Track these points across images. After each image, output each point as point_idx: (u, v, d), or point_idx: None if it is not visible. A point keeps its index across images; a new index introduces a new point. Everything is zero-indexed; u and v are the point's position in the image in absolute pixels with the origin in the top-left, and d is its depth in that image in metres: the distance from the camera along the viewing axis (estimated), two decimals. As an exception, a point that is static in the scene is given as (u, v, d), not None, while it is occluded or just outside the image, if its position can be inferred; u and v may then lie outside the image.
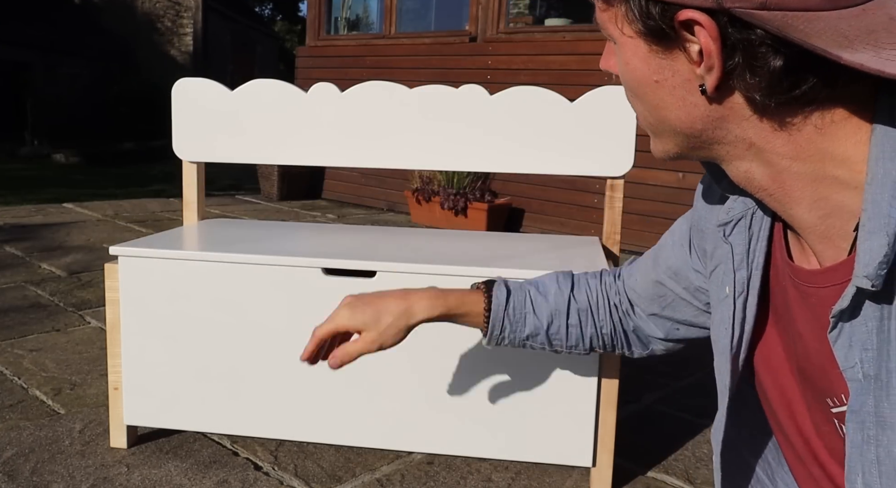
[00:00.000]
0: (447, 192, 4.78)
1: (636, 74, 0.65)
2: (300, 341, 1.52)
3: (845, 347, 0.63)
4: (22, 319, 2.59)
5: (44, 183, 7.50)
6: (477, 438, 1.50)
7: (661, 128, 0.68)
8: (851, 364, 0.62)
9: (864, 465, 0.62)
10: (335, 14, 6.33)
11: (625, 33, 0.64)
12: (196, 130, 1.83)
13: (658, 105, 0.65)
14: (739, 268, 0.77)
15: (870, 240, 0.57)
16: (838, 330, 0.63)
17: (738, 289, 0.77)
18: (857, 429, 0.63)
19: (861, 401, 0.62)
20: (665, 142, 0.69)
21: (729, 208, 0.78)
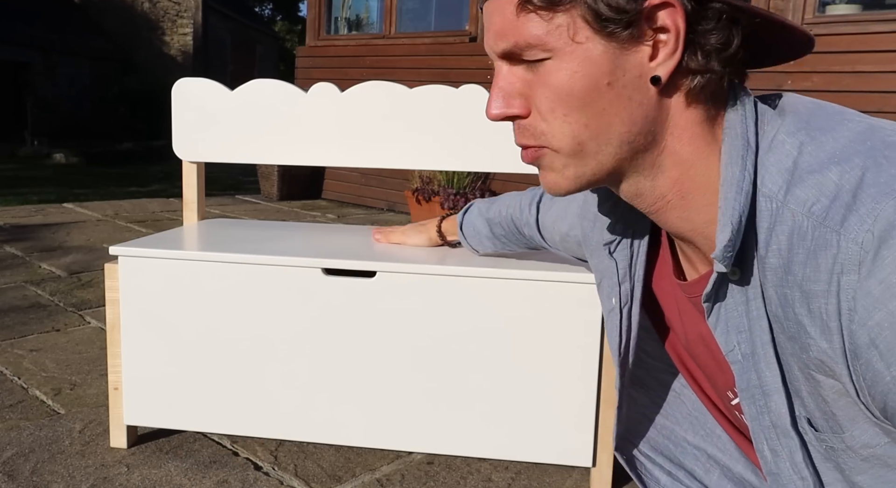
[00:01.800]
0: (447, 192, 4.78)
1: (585, 82, 0.63)
2: (300, 341, 1.52)
3: (724, 333, 0.70)
4: (22, 319, 2.59)
5: (44, 183, 7.51)
6: (477, 438, 1.50)
7: (591, 144, 0.66)
8: (731, 347, 0.70)
9: (765, 432, 0.70)
10: (335, 14, 6.33)
11: (576, 40, 0.62)
12: (196, 130, 1.83)
13: (604, 110, 0.64)
14: (623, 281, 0.84)
15: (722, 233, 0.64)
16: (714, 316, 0.70)
17: (622, 300, 0.84)
18: (749, 404, 0.70)
19: (746, 379, 0.70)
20: (584, 165, 0.68)
21: (612, 227, 0.84)
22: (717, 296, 0.69)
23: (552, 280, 1.41)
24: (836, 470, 0.67)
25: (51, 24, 14.69)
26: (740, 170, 0.63)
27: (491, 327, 1.44)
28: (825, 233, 0.57)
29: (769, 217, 0.62)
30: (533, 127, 0.68)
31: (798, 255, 0.59)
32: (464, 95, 1.72)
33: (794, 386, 0.67)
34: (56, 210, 5.04)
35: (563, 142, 0.66)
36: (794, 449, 0.69)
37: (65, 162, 10.73)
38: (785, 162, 0.62)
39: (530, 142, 0.69)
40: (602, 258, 0.87)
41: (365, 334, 1.49)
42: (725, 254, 0.64)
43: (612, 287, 0.85)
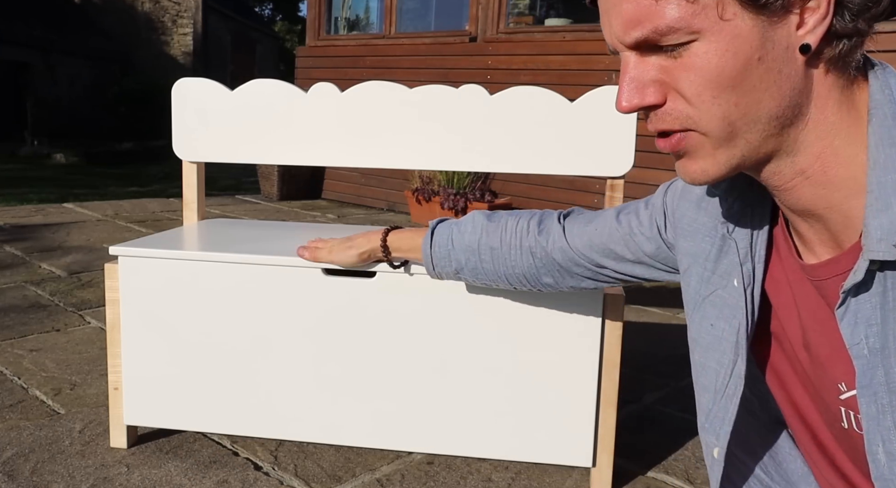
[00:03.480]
0: (447, 192, 4.78)
1: (736, 60, 0.61)
2: (300, 341, 1.52)
3: (851, 325, 0.66)
4: (22, 319, 2.59)
5: (44, 183, 7.50)
6: (477, 438, 1.50)
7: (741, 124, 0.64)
8: (857, 341, 0.66)
9: (883, 434, 0.65)
10: (335, 14, 6.33)
11: (724, 17, 0.60)
12: (196, 130, 1.83)
13: (754, 87, 0.62)
14: (745, 261, 0.79)
15: (879, 218, 0.61)
16: (845, 307, 0.66)
17: (745, 281, 0.80)
18: (870, 402, 0.66)
19: (870, 375, 0.65)
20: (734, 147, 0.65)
21: (729, 206, 0.81)
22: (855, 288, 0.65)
23: (552, 280, 1.41)
24: None
25: (51, 24, 14.69)
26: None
27: (491, 327, 1.44)
28: None
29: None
30: (677, 111, 0.64)
31: None
32: (464, 95, 1.72)
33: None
34: (56, 210, 5.04)
35: (713, 124, 0.64)
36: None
37: (65, 162, 10.73)
38: None
39: (674, 126, 0.65)
40: (706, 239, 0.84)
41: (365, 334, 1.49)
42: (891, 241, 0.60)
43: (732, 267, 0.81)
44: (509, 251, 1.17)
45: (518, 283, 1.20)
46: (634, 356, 2.39)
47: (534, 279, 1.18)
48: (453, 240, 1.23)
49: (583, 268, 1.11)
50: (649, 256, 1.01)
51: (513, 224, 1.18)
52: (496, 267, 1.19)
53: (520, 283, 1.20)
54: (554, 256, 1.13)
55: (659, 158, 4.09)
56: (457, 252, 1.23)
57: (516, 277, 1.19)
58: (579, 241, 1.10)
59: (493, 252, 1.19)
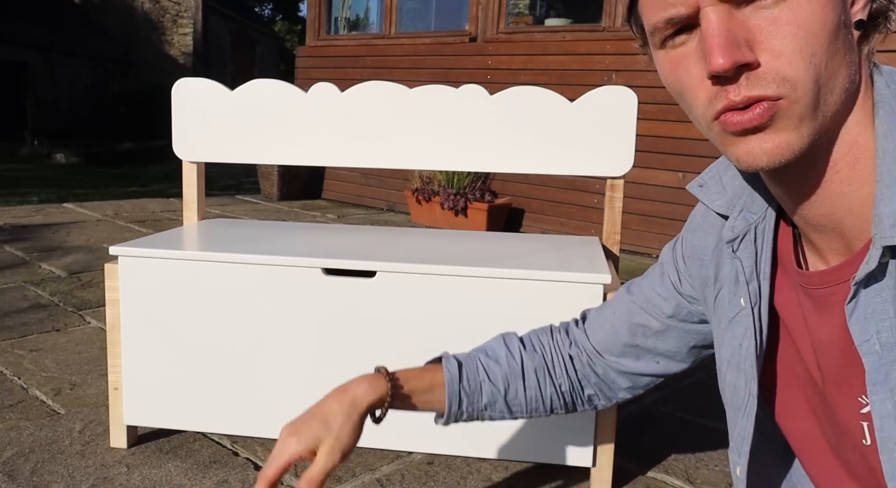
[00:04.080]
0: (447, 192, 4.78)
1: (833, 16, 0.59)
2: (300, 341, 1.52)
3: (861, 320, 0.64)
4: (22, 319, 2.59)
5: (44, 183, 7.50)
6: (477, 438, 1.50)
7: (826, 88, 0.61)
8: (867, 337, 0.64)
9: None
10: (335, 14, 6.33)
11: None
12: (196, 130, 1.83)
13: (838, 50, 0.60)
14: (750, 280, 0.78)
15: (891, 204, 0.60)
16: (855, 301, 0.64)
17: (752, 299, 0.78)
18: (885, 399, 0.63)
19: (884, 372, 0.63)
20: (816, 117, 0.61)
21: (732, 226, 0.79)
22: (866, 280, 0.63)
23: (552, 280, 1.41)
24: None
25: (51, 24, 14.69)
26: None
27: (491, 327, 1.44)
28: None
29: None
30: (773, 72, 0.59)
31: None
32: (464, 95, 1.72)
33: None
34: (56, 210, 5.04)
35: (808, 86, 0.59)
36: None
37: (65, 162, 10.73)
38: None
39: (768, 91, 0.59)
40: (723, 262, 0.83)
41: (365, 334, 1.49)
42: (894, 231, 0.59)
43: (739, 286, 0.79)
44: (553, 367, 1.06)
45: (559, 405, 1.08)
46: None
47: (577, 394, 1.07)
48: (488, 371, 1.05)
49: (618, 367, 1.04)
50: (673, 317, 0.96)
51: (546, 339, 1.09)
52: (541, 389, 1.06)
53: (560, 404, 1.08)
54: (593, 362, 1.05)
55: (659, 158, 4.09)
56: (492, 383, 1.05)
57: (559, 396, 1.07)
58: (602, 333, 1.04)
59: (538, 372, 1.06)
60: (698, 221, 0.88)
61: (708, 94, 0.62)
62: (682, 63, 0.64)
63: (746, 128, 0.61)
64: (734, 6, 0.59)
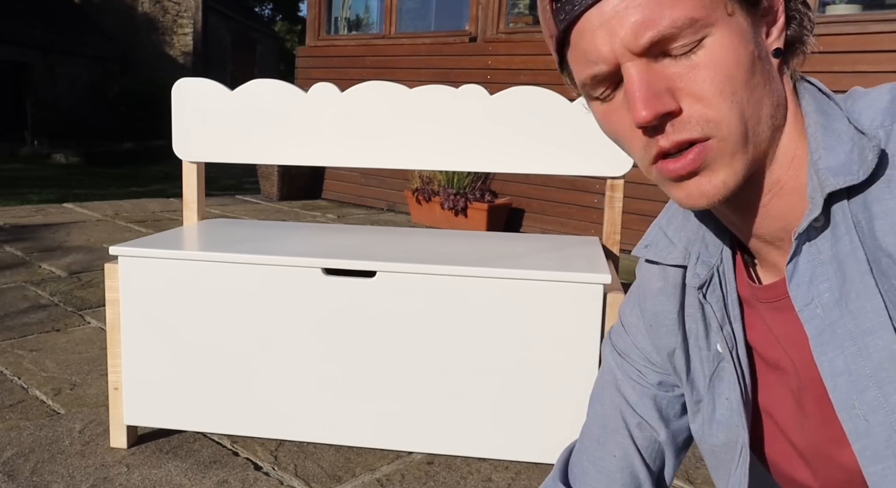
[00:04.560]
0: (447, 192, 4.78)
1: (747, 54, 0.61)
2: (300, 341, 1.52)
3: (804, 284, 0.65)
4: (22, 319, 2.59)
5: (44, 183, 7.50)
6: (477, 438, 1.50)
7: (751, 125, 0.63)
8: (807, 301, 0.64)
9: (858, 383, 0.62)
10: (335, 14, 6.33)
11: (729, 11, 0.61)
12: (196, 130, 1.83)
13: (758, 84, 0.62)
14: (723, 323, 0.76)
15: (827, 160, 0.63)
16: (794, 263, 0.65)
17: (729, 344, 0.76)
18: (836, 355, 0.63)
19: (830, 330, 0.63)
20: (746, 152, 0.63)
21: (695, 274, 0.77)
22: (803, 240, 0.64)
23: (552, 280, 1.41)
24: None
25: (51, 24, 14.69)
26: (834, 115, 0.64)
27: (491, 327, 1.44)
28: None
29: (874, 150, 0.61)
30: (696, 116, 0.61)
31: None
32: (464, 95, 1.72)
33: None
34: (56, 210, 5.04)
35: (733, 124, 0.61)
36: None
37: (65, 162, 10.73)
38: (879, 101, 0.64)
39: (695, 134, 0.62)
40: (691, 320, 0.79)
41: (365, 334, 1.49)
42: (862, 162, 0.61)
43: (712, 334, 0.77)
44: None
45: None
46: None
47: None
48: None
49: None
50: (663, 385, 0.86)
51: None
52: None
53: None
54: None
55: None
56: None
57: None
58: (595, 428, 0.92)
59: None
60: (658, 287, 0.82)
61: (641, 142, 0.65)
62: (613, 114, 0.66)
63: (682, 175, 0.64)
64: (652, 59, 0.61)
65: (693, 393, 0.81)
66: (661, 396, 0.86)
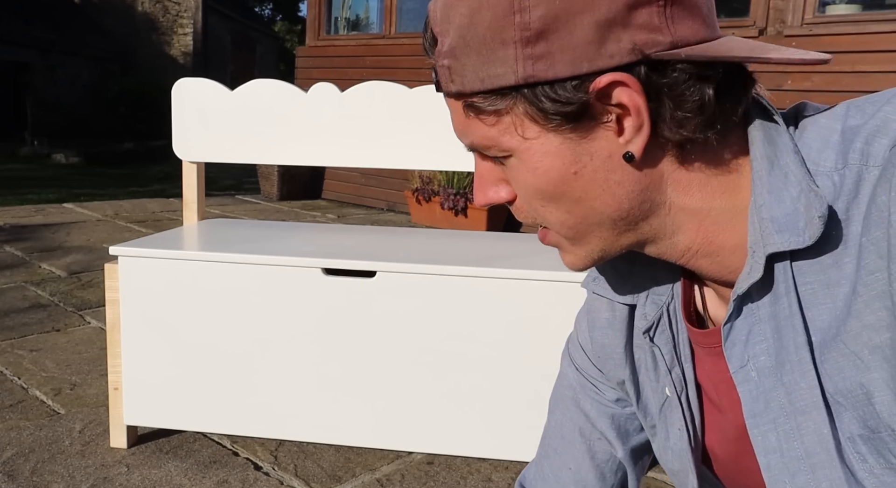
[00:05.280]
0: (447, 192, 4.78)
1: (550, 176, 0.59)
2: (300, 341, 1.52)
3: (740, 344, 0.61)
4: (22, 319, 2.59)
5: (44, 183, 7.50)
6: (477, 438, 1.50)
7: (583, 227, 0.62)
8: (742, 363, 0.61)
9: (790, 465, 0.58)
10: (335, 14, 6.33)
11: (527, 137, 0.58)
12: (196, 130, 1.83)
13: (580, 198, 0.60)
14: (672, 366, 0.73)
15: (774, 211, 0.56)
16: (730, 325, 0.61)
17: (678, 387, 0.73)
18: (768, 431, 0.59)
19: (763, 401, 0.59)
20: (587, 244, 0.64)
21: (643, 314, 0.74)
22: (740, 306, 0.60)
23: (552, 280, 1.41)
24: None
25: (51, 24, 14.69)
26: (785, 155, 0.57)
27: (491, 327, 1.44)
28: None
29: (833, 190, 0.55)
30: (526, 210, 0.64)
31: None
32: (464, 95, 1.72)
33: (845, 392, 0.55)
34: (56, 210, 5.04)
35: (556, 228, 0.63)
36: (836, 481, 0.56)
37: (65, 162, 10.73)
38: (828, 136, 0.57)
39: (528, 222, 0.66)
40: (630, 362, 0.77)
41: (365, 334, 1.49)
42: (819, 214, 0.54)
43: (660, 376, 0.74)
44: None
45: None
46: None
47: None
48: None
49: None
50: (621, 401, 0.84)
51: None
52: None
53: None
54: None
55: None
56: None
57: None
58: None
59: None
60: (606, 318, 0.79)
61: None
62: None
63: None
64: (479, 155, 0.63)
65: (647, 418, 0.79)
66: (619, 414, 0.84)
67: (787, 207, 0.56)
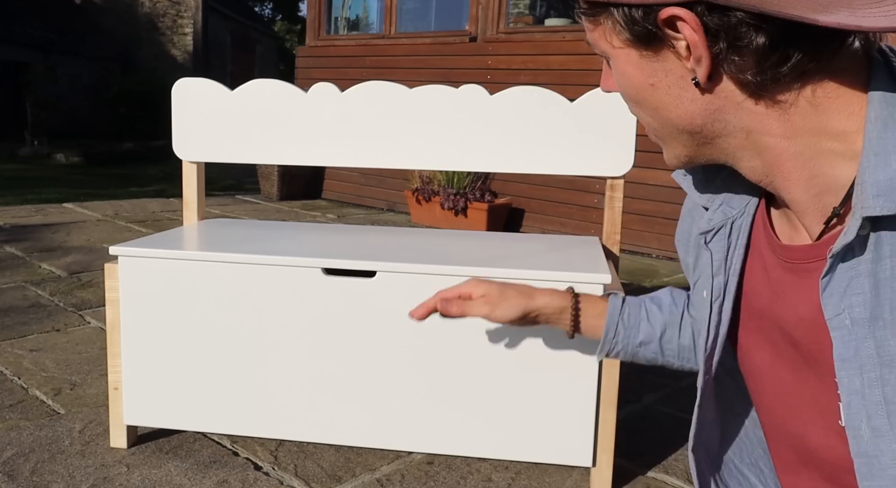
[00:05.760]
0: (447, 192, 4.78)
1: (633, 82, 0.68)
2: (300, 341, 1.52)
3: (834, 295, 0.65)
4: (22, 319, 2.59)
5: (44, 183, 7.50)
6: (477, 438, 1.50)
7: (665, 131, 0.70)
8: (838, 311, 0.64)
9: (869, 408, 0.64)
10: (335, 14, 6.33)
11: (615, 45, 0.67)
12: (196, 130, 1.83)
13: (658, 107, 0.68)
14: (717, 273, 0.80)
15: (876, 174, 0.59)
16: (830, 276, 0.65)
17: (714, 294, 0.80)
18: (854, 375, 0.64)
19: (853, 347, 0.64)
20: (674, 147, 0.72)
21: (709, 218, 0.81)
22: (843, 254, 0.63)
23: (552, 280, 1.41)
24: None
25: (51, 24, 14.68)
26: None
27: (491, 327, 1.44)
28: None
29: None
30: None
31: None
32: (464, 95, 1.72)
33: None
34: (56, 210, 5.04)
35: (646, 127, 0.73)
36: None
37: (65, 162, 10.72)
38: None
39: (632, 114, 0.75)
40: (700, 252, 0.83)
41: (365, 334, 1.49)
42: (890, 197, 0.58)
43: (705, 278, 0.81)
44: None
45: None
46: (634, 356, 2.39)
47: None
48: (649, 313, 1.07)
49: None
50: None
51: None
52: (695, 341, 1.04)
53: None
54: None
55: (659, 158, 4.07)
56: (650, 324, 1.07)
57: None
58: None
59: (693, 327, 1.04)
60: (688, 208, 0.89)
61: None
62: None
63: None
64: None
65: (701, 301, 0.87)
66: None
67: (891, 172, 0.59)
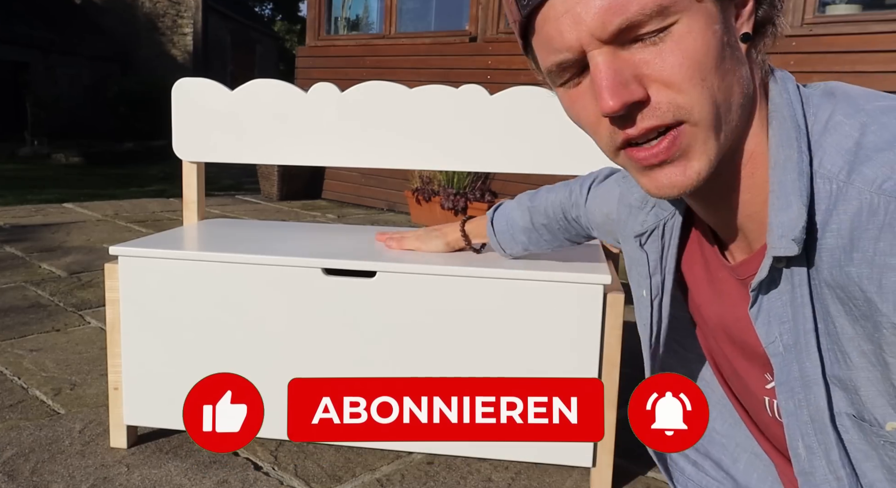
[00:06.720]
0: (447, 192, 4.78)
1: (715, 40, 0.60)
2: (300, 341, 1.52)
3: (765, 324, 0.69)
4: (22, 319, 2.59)
5: (44, 183, 7.50)
6: (477, 438, 1.49)
7: (723, 110, 0.62)
8: (772, 339, 0.69)
9: (801, 428, 0.68)
10: (335, 14, 6.33)
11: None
12: (196, 130, 1.83)
13: (729, 70, 0.61)
14: (654, 273, 0.83)
15: (780, 216, 0.63)
16: (757, 306, 0.69)
17: (654, 292, 0.83)
18: (787, 398, 0.69)
19: (786, 371, 0.68)
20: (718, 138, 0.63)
21: (643, 221, 0.84)
22: (766, 286, 0.68)
23: (552, 280, 1.41)
24: (883, 468, 0.65)
25: (51, 24, 14.68)
26: (797, 153, 0.63)
27: (491, 327, 1.44)
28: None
29: (828, 198, 0.61)
30: (667, 102, 0.60)
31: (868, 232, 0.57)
32: (464, 95, 1.72)
33: (840, 378, 0.65)
34: (56, 210, 5.04)
35: (705, 110, 0.60)
36: (829, 446, 0.67)
37: (65, 162, 10.72)
38: (845, 143, 0.62)
39: (666, 119, 0.61)
40: (634, 247, 0.87)
41: (365, 334, 1.49)
42: (802, 237, 0.62)
43: (642, 278, 0.85)
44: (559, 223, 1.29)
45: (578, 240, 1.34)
46: (634, 356, 2.39)
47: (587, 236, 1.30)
48: (511, 225, 1.38)
49: None
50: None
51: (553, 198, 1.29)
52: (555, 237, 1.33)
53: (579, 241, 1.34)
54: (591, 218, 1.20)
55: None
56: (517, 234, 1.38)
57: (573, 239, 1.33)
58: (594, 206, 1.16)
59: (548, 227, 1.32)
60: (620, 198, 0.94)
61: (607, 130, 0.64)
62: (578, 101, 0.65)
63: (654, 163, 0.63)
64: (618, 46, 0.60)
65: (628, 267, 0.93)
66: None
67: (794, 213, 0.63)
